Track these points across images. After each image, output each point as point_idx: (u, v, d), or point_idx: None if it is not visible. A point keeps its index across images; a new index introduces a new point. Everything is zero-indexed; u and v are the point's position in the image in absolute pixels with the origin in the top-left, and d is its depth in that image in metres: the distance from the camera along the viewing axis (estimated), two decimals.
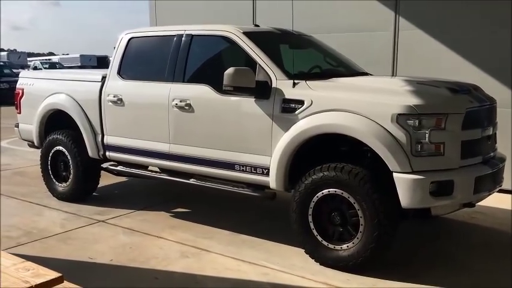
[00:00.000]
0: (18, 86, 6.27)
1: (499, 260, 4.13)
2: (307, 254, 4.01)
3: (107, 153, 5.34)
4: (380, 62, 6.66)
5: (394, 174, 3.55)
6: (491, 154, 4.06)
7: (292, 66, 4.19)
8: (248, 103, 4.20)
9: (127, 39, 5.28)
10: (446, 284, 3.67)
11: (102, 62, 39.23)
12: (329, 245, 3.86)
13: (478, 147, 3.82)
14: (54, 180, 5.83)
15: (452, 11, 6.32)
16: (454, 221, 4.98)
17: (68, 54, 45.76)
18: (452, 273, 3.85)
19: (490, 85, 5.08)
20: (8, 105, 14.94)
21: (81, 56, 41.50)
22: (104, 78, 5.32)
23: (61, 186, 5.76)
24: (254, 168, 4.22)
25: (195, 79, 4.68)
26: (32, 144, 6.24)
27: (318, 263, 3.93)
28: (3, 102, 17.24)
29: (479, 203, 4.04)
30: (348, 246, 3.78)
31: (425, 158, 3.55)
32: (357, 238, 3.73)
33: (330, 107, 3.83)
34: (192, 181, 4.71)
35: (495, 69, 6.07)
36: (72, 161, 5.59)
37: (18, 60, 39.25)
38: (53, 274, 2.29)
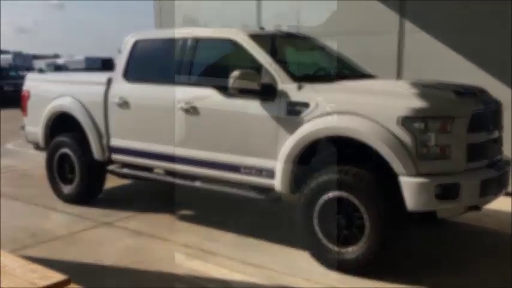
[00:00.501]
0: (24, 88, 6.30)
1: (504, 262, 4.11)
2: (312, 256, 4.01)
3: (112, 156, 5.36)
4: (385, 65, 6.65)
5: (400, 177, 3.54)
6: (498, 157, 4.04)
7: (297, 69, 4.19)
8: (253, 106, 4.20)
9: (132, 42, 5.30)
10: (451, 286, 3.66)
11: (107, 65, 39.33)
12: (334, 247, 3.86)
13: (483, 150, 3.80)
14: (60, 183, 5.85)
15: (456, 12, 6.30)
16: (459, 223, 4.96)
17: (72, 56, 45.92)
18: (458, 275, 3.83)
19: (495, 87, 5.05)
20: (14, 108, 14.99)
21: (86, 58, 41.59)
22: (109, 80, 5.35)
23: (67, 189, 5.78)
24: (259, 171, 4.22)
25: (200, 82, 4.69)
26: (37, 147, 6.27)
27: (323, 266, 3.92)
28: (9, 104, 17.30)
29: (485, 206, 4.02)
30: (353, 249, 3.77)
31: (430, 161, 3.54)
32: (362, 241, 3.72)
33: (335, 109, 3.83)
34: (197, 183, 4.72)
35: (499, 72, 6.05)
36: (77, 163, 5.60)
37: (24, 63, 39.41)
38: (60, 276, 2.30)
